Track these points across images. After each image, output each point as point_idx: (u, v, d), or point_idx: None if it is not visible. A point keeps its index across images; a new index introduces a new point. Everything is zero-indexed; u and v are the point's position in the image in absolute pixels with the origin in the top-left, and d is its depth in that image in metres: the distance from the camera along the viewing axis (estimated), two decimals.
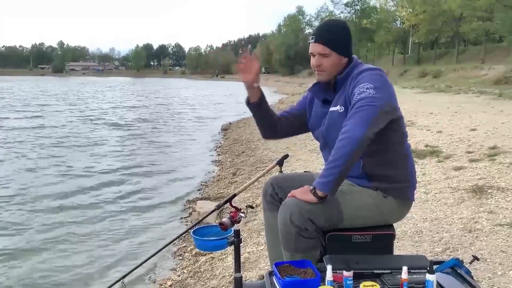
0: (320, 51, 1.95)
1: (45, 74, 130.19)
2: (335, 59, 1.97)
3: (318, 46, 1.95)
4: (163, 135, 14.18)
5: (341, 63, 1.99)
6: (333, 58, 1.96)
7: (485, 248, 2.99)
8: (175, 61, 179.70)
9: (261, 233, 4.05)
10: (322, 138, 2.07)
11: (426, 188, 4.59)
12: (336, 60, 1.97)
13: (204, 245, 2.13)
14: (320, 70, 1.99)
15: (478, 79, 23.12)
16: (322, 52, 1.95)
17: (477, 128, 7.65)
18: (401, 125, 1.98)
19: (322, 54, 1.95)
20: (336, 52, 1.96)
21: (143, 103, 28.18)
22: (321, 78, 2.01)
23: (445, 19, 37.57)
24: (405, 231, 3.50)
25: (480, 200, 4.00)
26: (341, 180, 1.75)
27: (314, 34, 1.98)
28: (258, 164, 7.85)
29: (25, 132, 13.89)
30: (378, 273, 1.71)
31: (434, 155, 6.00)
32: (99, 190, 7.35)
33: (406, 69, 37.73)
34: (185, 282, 3.80)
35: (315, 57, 1.97)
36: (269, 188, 2.17)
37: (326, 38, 1.95)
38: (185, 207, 6.38)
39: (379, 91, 1.75)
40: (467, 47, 43.98)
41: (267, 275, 1.77)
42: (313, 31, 2.02)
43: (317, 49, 1.96)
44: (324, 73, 1.99)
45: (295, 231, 1.77)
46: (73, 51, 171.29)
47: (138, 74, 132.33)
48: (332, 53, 1.95)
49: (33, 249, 4.96)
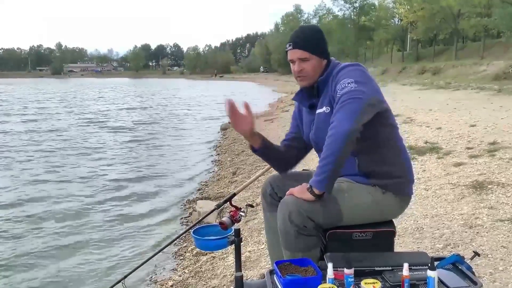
0: (299, 56, 1.96)
1: (44, 76, 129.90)
2: (315, 62, 1.98)
3: (297, 51, 1.97)
4: (163, 136, 14.16)
5: (321, 66, 2.00)
6: (313, 62, 1.98)
7: (486, 244, 2.99)
8: (174, 61, 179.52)
9: (262, 232, 4.05)
10: (313, 141, 2.08)
11: (426, 184, 4.59)
12: (316, 63, 1.98)
13: (205, 245, 2.13)
14: (303, 76, 1.99)
15: (477, 75, 23.11)
16: (301, 56, 1.96)
17: (477, 124, 7.65)
18: (389, 117, 1.98)
19: (302, 59, 1.96)
20: (315, 55, 1.97)
21: (144, 104, 28.17)
22: (304, 83, 2.02)
23: (443, 16, 37.53)
24: (406, 228, 3.50)
25: (481, 196, 4.00)
26: (335, 176, 1.75)
27: (291, 41, 1.98)
28: (258, 163, 7.85)
29: (26, 136, 13.87)
30: (379, 270, 1.70)
31: (434, 151, 6.00)
32: (98, 191, 7.34)
33: (405, 67, 37.74)
34: (186, 282, 3.80)
35: (296, 63, 1.98)
36: (268, 188, 2.16)
37: (303, 42, 1.97)
38: (186, 207, 6.37)
39: (361, 84, 1.76)
40: (466, 44, 43.93)
41: (267, 274, 1.76)
42: (289, 39, 2.01)
43: (297, 54, 1.97)
44: (307, 78, 1.99)
45: (294, 230, 1.77)
46: (72, 52, 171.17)
47: (136, 75, 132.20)
48: (312, 57, 1.97)
49: (34, 251, 4.95)
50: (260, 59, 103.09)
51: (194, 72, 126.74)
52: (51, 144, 12.13)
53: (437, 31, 41.28)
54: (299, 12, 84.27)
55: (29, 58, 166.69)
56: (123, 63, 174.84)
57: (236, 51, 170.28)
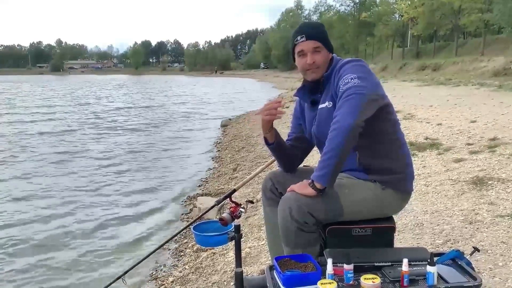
0: (313, 46, 1.97)
1: (44, 73, 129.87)
2: (326, 55, 2.00)
3: (311, 42, 1.97)
4: (163, 133, 14.14)
5: (328, 59, 2.02)
6: (324, 54, 2.00)
7: (486, 240, 2.99)
8: (174, 57, 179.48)
9: (262, 228, 4.05)
10: (315, 136, 2.09)
11: (427, 180, 4.59)
12: (326, 55, 2.01)
13: (205, 241, 2.14)
14: (315, 68, 1.99)
15: (477, 71, 23.07)
16: (315, 46, 1.97)
17: (477, 120, 7.64)
18: (391, 112, 1.98)
19: (315, 49, 1.97)
20: (325, 48, 2.00)
21: (145, 102, 28.11)
22: (315, 75, 2.01)
23: (444, 11, 37.39)
24: (406, 223, 3.50)
25: (481, 191, 3.99)
26: (337, 171, 1.75)
27: (303, 33, 1.98)
28: (259, 160, 7.85)
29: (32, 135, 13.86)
30: (378, 266, 1.71)
31: (434, 147, 5.99)
32: (98, 187, 7.35)
33: (405, 63, 37.65)
34: (186, 278, 3.81)
35: (308, 55, 1.98)
36: (269, 183, 2.17)
37: (316, 33, 1.99)
38: (186, 203, 6.38)
39: (363, 80, 1.77)
40: (467, 40, 43.82)
41: (267, 270, 1.77)
42: (298, 32, 2.01)
43: (310, 45, 1.97)
44: (319, 70, 2.00)
45: (295, 226, 1.77)
46: (71, 49, 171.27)
47: (137, 72, 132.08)
48: (323, 48, 1.99)
49: (35, 245, 4.98)
50: (260, 56, 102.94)
51: (194, 69, 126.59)
52: (57, 141, 12.14)
53: (437, 27, 41.14)
54: (300, 8, 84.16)
55: (29, 55, 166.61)
56: (123, 60, 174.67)
57: (236, 47, 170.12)
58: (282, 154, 2.21)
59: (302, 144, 2.24)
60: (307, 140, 2.22)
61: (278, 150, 2.19)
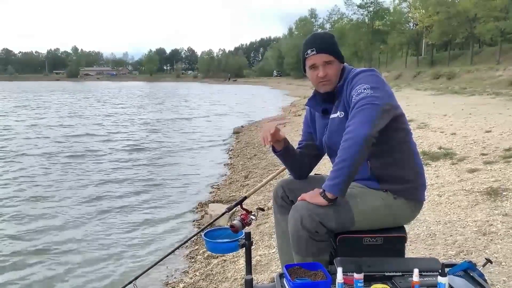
0: (325, 59, 1.97)
1: (60, 79, 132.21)
2: (337, 66, 2.00)
3: (323, 55, 1.97)
4: (177, 140, 14.22)
5: (340, 70, 2.01)
6: (336, 66, 1.99)
7: (500, 251, 2.95)
8: (188, 65, 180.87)
9: (273, 236, 4.05)
10: (326, 145, 2.09)
11: (440, 190, 4.54)
12: (338, 67, 2.00)
13: (215, 247, 2.14)
14: (326, 80, 1.99)
15: (493, 80, 22.79)
16: (327, 59, 1.97)
17: (492, 130, 7.53)
18: (404, 122, 1.98)
19: (327, 63, 1.97)
20: (337, 60, 1.99)
21: (159, 108, 28.36)
22: (327, 88, 2.01)
23: (459, 20, 37.11)
24: (418, 234, 3.47)
25: (495, 202, 3.94)
26: (350, 181, 1.75)
27: (314, 47, 1.97)
28: (270, 167, 7.85)
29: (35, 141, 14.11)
30: (389, 276, 1.69)
31: (447, 157, 5.93)
32: (112, 194, 7.42)
33: (419, 71, 37.39)
34: (197, 284, 3.82)
35: (320, 68, 1.98)
36: (280, 191, 2.17)
37: (327, 46, 1.98)
38: (198, 210, 6.41)
39: (377, 90, 1.76)
40: (482, 48, 43.34)
41: (277, 277, 1.77)
42: (308, 45, 2.00)
43: (323, 58, 1.97)
44: (330, 82, 2.00)
45: (306, 235, 1.77)
46: (87, 56, 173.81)
47: (151, 79, 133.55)
48: (335, 60, 1.98)
49: (48, 249, 5.05)
50: (273, 63, 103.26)
51: (208, 76, 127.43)
52: (69, 147, 12.33)
53: (452, 35, 40.83)
54: (313, 16, 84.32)
55: (47, 61, 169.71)
56: (138, 67, 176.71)
57: (250, 55, 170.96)
58: (291, 161, 2.21)
59: (312, 151, 2.24)
60: (317, 147, 2.22)
61: (287, 157, 2.19)
